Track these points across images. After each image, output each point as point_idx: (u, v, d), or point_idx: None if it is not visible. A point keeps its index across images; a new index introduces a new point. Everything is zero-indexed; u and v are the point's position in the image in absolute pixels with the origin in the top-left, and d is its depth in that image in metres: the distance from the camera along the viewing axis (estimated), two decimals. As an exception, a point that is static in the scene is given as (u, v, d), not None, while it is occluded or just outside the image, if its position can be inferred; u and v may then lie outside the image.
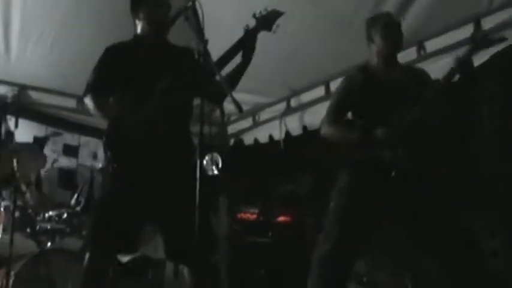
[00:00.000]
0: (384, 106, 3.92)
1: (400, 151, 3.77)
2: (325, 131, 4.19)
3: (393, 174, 3.77)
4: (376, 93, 4.02)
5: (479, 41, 3.79)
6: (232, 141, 8.04)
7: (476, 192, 5.14)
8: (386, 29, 4.08)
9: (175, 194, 3.62)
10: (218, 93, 3.69)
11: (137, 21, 4.02)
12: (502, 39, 3.89)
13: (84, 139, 7.65)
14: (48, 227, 5.59)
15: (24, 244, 5.25)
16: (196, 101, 3.66)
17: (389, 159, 3.78)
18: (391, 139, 3.80)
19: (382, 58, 4.12)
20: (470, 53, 3.76)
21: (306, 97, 6.69)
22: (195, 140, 3.46)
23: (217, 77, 3.46)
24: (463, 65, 3.74)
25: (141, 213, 3.71)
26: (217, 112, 7.11)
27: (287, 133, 7.01)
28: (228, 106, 3.94)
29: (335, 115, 4.18)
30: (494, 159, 5.21)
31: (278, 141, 7.07)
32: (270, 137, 7.28)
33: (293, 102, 6.91)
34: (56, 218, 5.64)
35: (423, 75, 4.16)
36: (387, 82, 4.04)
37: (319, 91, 6.38)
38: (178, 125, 3.81)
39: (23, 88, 6.77)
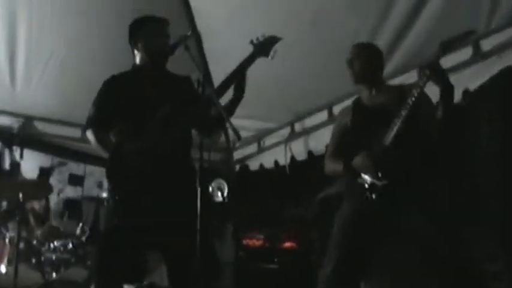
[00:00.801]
0: (367, 133, 3.96)
1: (381, 173, 3.77)
2: (325, 168, 4.34)
3: (374, 197, 3.78)
4: (361, 122, 4.08)
5: (444, 44, 3.75)
6: (238, 167, 8.04)
7: (475, 214, 5.12)
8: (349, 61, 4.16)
9: (178, 222, 3.60)
10: (217, 121, 3.70)
11: (136, 51, 4.02)
12: (468, 33, 3.84)
13: (89, 168, 7.68)
14: (54, 258, 5.61)
15: (29, 275, 5.26)
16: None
17: (369, 184, 3.80)
18: (369, 164, 3.83)
19: (359, 84, 4.20)
20: (436, 57, 3.72)
21: (309, 122, 6.70)
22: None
23: (216, 105, 3.47)
24: (433, 67, 3.70)
25: (145, 243, 3.71)
26: (223, 138, 7.15)
27: (292, 158, 7.00)
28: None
29: (332, 151, 4.31)
30: (494, 180, 5.20)
31: (283, 167, 7.07)
32: (276, 162, 7.27)
33: (297, 127, 6.92)
34: (61, 248, 5.65)
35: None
36: (371, 107, 4.08)
37: (323, 115, 6.40)
38: (178, 153, 3.79)
39: (28, 119, 6.84)
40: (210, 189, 7.43)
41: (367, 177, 3.85)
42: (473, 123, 5.41)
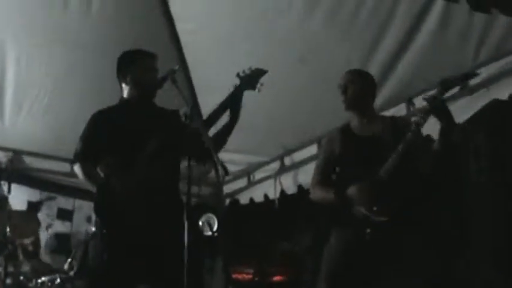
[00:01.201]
0: (358, 162, 3.92)
1: (376, 207, 3.74)
2: (311, 195, 4.23)
3: (368, 231, 3.74)
4: (351, 151, 4.03)
5: (446, 81, 3.76)
6: (227, 201, 8.01)
7: (467, 244, 5.14)
8: (341, 89, 4.14)
9: (167, 256, 3.58)
10: (205, 154, 3.68)
11: (124, 85, 4.00)
12: (469, 75, 3.87)
13: (78, 203, 7.64)
14: (41, 294, 5.54)
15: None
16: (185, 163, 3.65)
17: (362, 216, 3.76)
18: (362, 195, 3.79)
19: (351, 113, 4.15)
20: (440, 94, 3.73)
21: (299, 155, 6.70)
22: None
23: (204, 139, 3.47)
24: (434, 105, 3.71)
25: (134, 277, 3.68)
26: (213, 173, 7.13)
27: (282, 192, 6.98)
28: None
29: (318, 178, 4.20)
30: (485, 212, 5.22)
31: (273, 200, 7.04)
32: (265, 196, 7.25)
33: (287, 161, 6.92)
34: (49, 284, 5.58)
35: (406, 124, 4.14)
36: (363, 137, 4.03)
37: (312, 149, 6.39)
38: (167, 187, 3.78)
39: (16, 153, 6.80)
40: (200, 223, 7.40)
41: (361, 210, 3.79)
42: (463, 157, 5.44)
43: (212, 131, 3.82)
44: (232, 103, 3.87)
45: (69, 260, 5.91)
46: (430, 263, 3.78)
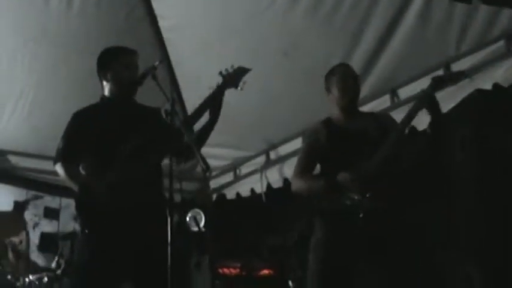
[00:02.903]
0: (345, 153, 3.92)
1: (367, 194, 3.75)
2: (294, 185, 4.17)
3: (361, 215, 3.74)
4: (337, 141, 4.01)
5: (438, 77, 3.82)
6: (214, 196, 8.01)
7: (452, 237, 5.16)
8: (343, 80, 4.11)
9: (151, 253, 3.57)
10: (187, 151, 3.68)
11: (105, 82, 3.98)
12: (462, 73, 3.92)
13: (65, 201, 7.60)
14: (28, 292, 5.53)
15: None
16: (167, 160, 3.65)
17: (354, 203, 3.76)
18: (354, 182, 3.79)
19: (341, 108, 4.11)
20: (431, 89, 3.78)
21: (284, 149, 6.73)
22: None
23: (186, 136, 3.47)
24: (425, 100, 3.76)
25: (117, 275, 3.67)
26: (199, 168, 7.13)
27: (268, 186, 7.00)
28: (210, 161, 3.94)
29: (301, 169, 4.15)
30: (469, 204, 5.25)
31: (260, 195, 7.06)
32: (252, 190, 7.27)
33: (272, 155, 6.95)
34: (37, 283, 5.59)
35: (387, 119, 4.17)
36: (347, 130, 4.03)
37: (297, 143, 6.39)
38: (149, 184, 3.76)
39: (1, 153, 6.76)
40: (187, 219, 7.40)
41: (353, 196, 3.78)
42: (447, 147, 5.47)
43: (195, 128, 3.82)
44: (214, 102, 3.87)
45: (56, 258, 5.91)
46: (414, 257, 3.78)
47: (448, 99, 4.71)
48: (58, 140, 3.95)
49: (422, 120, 3.96)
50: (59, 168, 3.86)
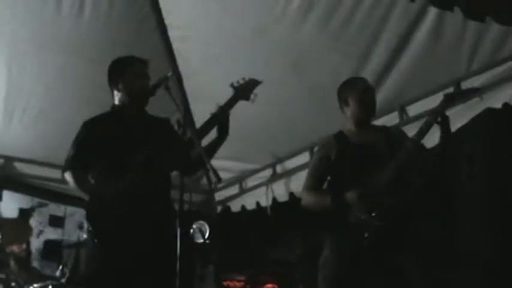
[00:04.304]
0: (353, 169, 3.91)
1: (374, 212, 3.72)
2: (303, 200, 4.17)
3: (366, 236, 3.72)
4: (349, 156, 4.00)
5: (450, 95, 3.80)
6: (219, 208, 7.99)
7: (459, 255, 5.13)
8: (363, 93, 4.09)
9: (159, 264, 3.57)
10: (198, 161, 3.66)
11: (115, 92, 3.97)
12: (473, 91, 3.91)
13: (70, 210, 7.61)
14: (32, 301, 5.50)
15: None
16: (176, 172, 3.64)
17: (360, 222, 3.74)
18: (361, 201, 3.76)
19: (356, 121, 4.09)
20: (443, 107, 3.76)
21: (291, 163, 6.72)
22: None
23: (196, 148, 3.46)
24: (437, 116, 3.75)
25: (126, 285, 3.65)
26: (204, 180, 7.11)
27: (274, 200, 6.98)
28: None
29: (311, 183, 4.14)
30: (475, 222, 5.22)
31: (265, 208, 7.04)
32: (257, 203, 7.24)
33: (279, 169, 6.93)
34: (40, 291, 5.55)
35: (399, 135, 4.15)
36: (359, 144, 4.01)
37: (304, 157, 6.41)
38: (158, 195, 3.76)
39: (8, 160, 6.76)
40: (192, 230, 7.38)
41: (359, 214, 3.76)
42: (455, 165, 5.44)
43: (204, 142, 3.79)
44: (222, 118, 3.83)
45: (61, 266, 5.89)
46: (421, 275, 3.75)
47: (459, 117, 4.69)
48: (65, 148, 3.95)
49: (431, 138, 3.93)
50: (68, 177, 3.85)
